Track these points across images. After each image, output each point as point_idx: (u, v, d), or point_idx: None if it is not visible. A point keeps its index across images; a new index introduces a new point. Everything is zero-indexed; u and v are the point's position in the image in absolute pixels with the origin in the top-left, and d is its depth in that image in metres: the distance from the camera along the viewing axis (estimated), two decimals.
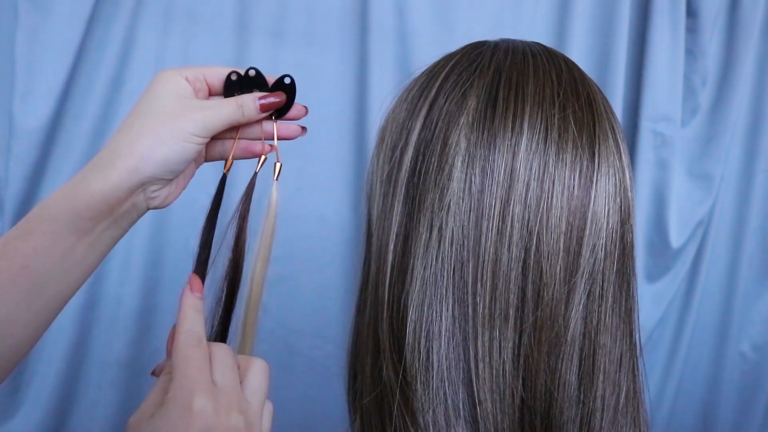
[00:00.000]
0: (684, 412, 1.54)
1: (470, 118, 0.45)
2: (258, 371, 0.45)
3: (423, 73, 0.53)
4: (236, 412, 0.41)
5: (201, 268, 0.51)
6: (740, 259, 1.51)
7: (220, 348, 0.44)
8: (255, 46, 1.23)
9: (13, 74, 1.12)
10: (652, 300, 1.46)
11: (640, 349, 0.49)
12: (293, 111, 0.56)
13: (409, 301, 0.45)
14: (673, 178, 1.42)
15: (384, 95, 0.55)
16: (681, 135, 1.42)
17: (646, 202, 1.42)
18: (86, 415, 1.22)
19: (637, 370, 0.48)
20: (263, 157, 0.55)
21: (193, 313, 0.45)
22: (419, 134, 0.47)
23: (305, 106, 0.56)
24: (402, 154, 0.48)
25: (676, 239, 1.44)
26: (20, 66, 1.12)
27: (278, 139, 0.55)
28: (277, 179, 0.54)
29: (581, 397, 0.45)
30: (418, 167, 0.47)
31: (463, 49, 0.52)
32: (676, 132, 1.40)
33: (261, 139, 0.55)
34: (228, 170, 0.54)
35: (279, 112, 0.55)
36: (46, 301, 0.48)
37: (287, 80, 0.55)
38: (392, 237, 0.47)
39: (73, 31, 1.14)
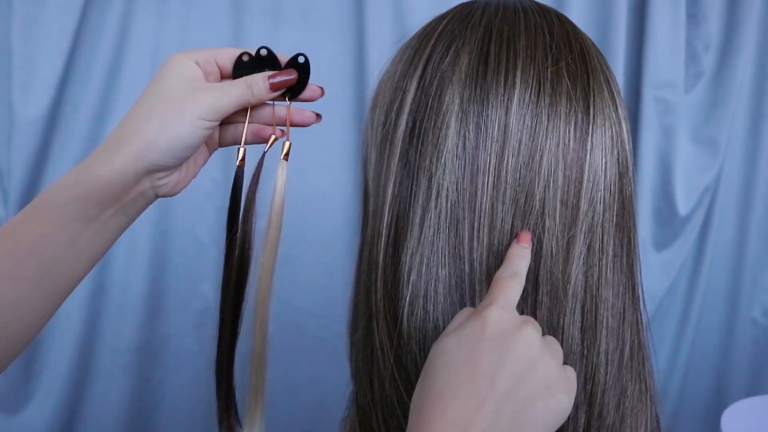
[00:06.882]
0: (697, 380, 1.53)
1: (463, 75, 0.45)
2: None
3: (415, 35, 0.52)
4: (531, 327, 0.39)
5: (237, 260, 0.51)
6: (749, 224, 1.50)
7: None
8: (252, 28, 1.22)
9: (10, 65, 1.12)
10: (660, 269, 1.45)
11: (644, 303, 0.48)
12: (308, 92, 0.53)
13: (405, 259, 0.44)
14: (678, 145, 1.41)
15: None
16: (685, 101, 1.41)
17: (651, 170, 1.41)
18: (99, 402, 1.23)
19: (641, 324, 0.48)
20: (273, 137, 0.52)
21: (520, 260, 0.42)
22: (414, 94, 0.47)
23: (321, 87, 0.54)
24: (398, 116, 0.48)
25: (683, 206, 1.42)
26: (17, 56, 1.12)
27: (291, 125, 0.53)
28: (285, 158, 0.51)
29: (584, 352, 0.45)
30: (414, 127, 0.46)
31: (454, 9, 0.52)
32: (679, 98, 1.38)
33: (272, 124, 0.53)
34: (242, 161, 0.51)
35: (293, 93, 0.53)
36: (53, 286, 0.47)
37: (301, 59, 0.52)
38: (389, 196, 0.46)
39: (68, 20, 1.13)
